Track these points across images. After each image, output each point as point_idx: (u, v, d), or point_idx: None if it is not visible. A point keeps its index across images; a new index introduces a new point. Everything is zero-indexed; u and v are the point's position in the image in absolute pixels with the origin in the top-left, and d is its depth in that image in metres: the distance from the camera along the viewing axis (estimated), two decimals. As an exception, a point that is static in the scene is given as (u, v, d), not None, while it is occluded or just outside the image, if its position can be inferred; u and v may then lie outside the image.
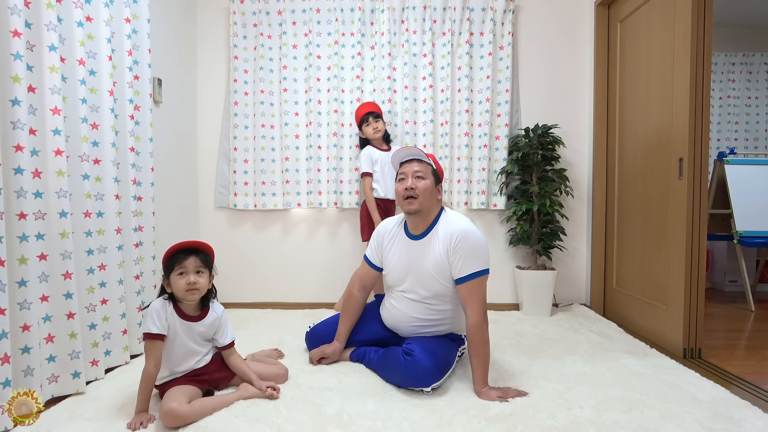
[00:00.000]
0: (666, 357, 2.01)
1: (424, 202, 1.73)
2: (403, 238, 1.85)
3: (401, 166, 1.82)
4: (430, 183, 1.75)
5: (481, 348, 1.63)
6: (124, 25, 1.96)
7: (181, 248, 1.52)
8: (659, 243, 2.27)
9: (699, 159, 2.04)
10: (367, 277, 1.96)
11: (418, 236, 1.80)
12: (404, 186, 1.75)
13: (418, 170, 1.75)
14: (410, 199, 1.73)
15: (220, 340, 1.61)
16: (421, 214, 1.75)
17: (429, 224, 1.79)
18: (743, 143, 3.83)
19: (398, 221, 1.91)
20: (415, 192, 1.72)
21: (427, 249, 1.76)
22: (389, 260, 1.87)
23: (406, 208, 1.74)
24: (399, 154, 1.82)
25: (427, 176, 1.76)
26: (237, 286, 3.04)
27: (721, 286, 3.66)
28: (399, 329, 1.88)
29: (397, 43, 2.89)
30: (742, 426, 1.39)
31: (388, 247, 1.88)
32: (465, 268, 1.67)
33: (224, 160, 2.95)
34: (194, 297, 1.52)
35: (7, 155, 1.43)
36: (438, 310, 1.79)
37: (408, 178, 1.75)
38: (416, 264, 1.78)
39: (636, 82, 2.50)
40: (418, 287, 1.78)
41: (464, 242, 1.68)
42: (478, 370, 1.62)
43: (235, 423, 1.37)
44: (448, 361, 1.69)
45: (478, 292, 1.67)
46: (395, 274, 1.85)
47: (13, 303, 1.43)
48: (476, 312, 1.65)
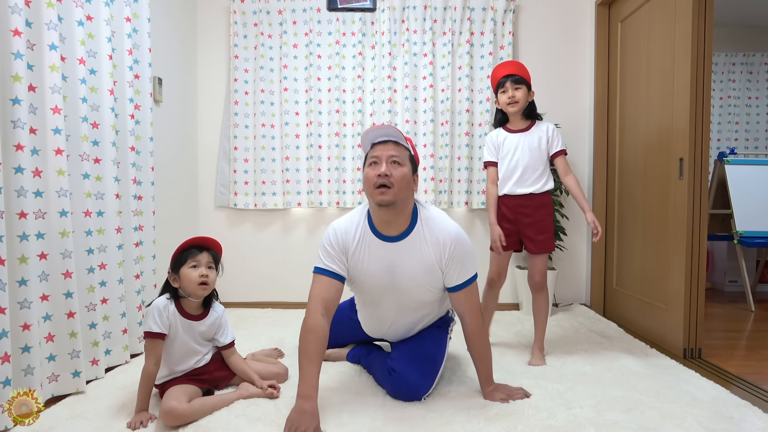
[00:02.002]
0: (666, 357, 2.01)
1: (400, 193, 1.46)
2: (375, 242, 1.53)
3: (373, 148, 1.51)
4: (407, 171, 1.49)
5: (484, 352, 1.57)
6: (125, 24, 1.96)
7: (195, 243, 1.55)
8: (659, 243, 2.27)
9: (699, 159, 2.04)
10: (331, 295, 1.50)
11: (395, 238, 1.53)
12: (377, 172, 1.45)
13: (395, 155, 1.47)
14: (383, 189, 1.44)
15: (220, 340, 1.61)
16: (395, 207, 1.47)
17: (407, 222, 1.53)
18: (743, 143, 3.83)
19: (356, 221, 1.56)
20: (390, 180, 1.44)
21: (410, 254, 1.52)
22: (359, 269, 1.55)
23: (378, 198, 1.44)
24: (371, 133, 1.51)
25: (405, 162, 1.49)
26: (237, 285, 3.03)
27: (721, 286, 3.67)
28: (386, 337, 1.77)
29: (397, 43, 2.89)
30: (742, 426, 1.39)
31: (356, 253, 1.54)
32: (461, 275, 1.53)
33: (224, 159, 2.95)
34: (205, 291, 1.53)
35: (8, 154, 1.42)
36: (424, 312, 1.67)
37: (382, 162, 1.46)
38: (399, 272, 1.54)
39: (636, 82, 2.50)
40: (402, 297, 1.59)
41: (459, 248, 1.52)
42: (482, 372, 1.57)
43: (235, 422, 1.37)
44: (435, 366, 1.61)
45: (473, 297, 1.56)
46: (369, 285, 1.58)
47: (13, 302, 1.43)
48: (474, 318, 1.56)
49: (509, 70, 1.94)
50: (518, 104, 1.91)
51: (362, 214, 1.58)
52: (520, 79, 1.92)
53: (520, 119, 1.96)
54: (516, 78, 1.92)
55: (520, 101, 1.91)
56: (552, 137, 1.94)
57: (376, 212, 1.52)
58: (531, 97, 1.96)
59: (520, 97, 1.91)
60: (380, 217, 1.51)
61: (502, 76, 1.94)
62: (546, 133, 1.94)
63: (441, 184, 2.90)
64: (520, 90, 1.91)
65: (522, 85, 1.92)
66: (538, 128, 1.94)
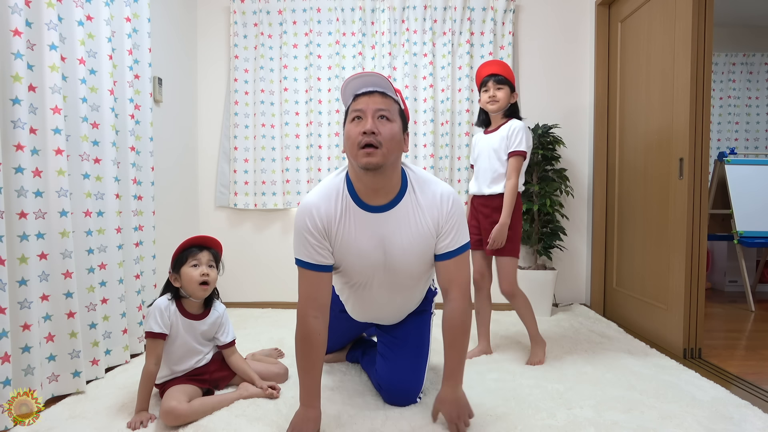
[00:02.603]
0: (666, 357, 2.01)
1: (390, 155, 1.24)
2: (360, 214, 1.31)
3: (356, 100, 1.27)
4: (397, 128, 1.27)
5: (461, 339, 1.35)
6: (125, 24, 1.96)
7: (195, 243, 1.55)
8: (659, 243, 2.27)
9: (699, 159, 2.04)
10: (322, 291, 1.32)
11: (383, 207, 1.31)
12: (361, 129, 1.22)
13: (383, 108, 1.24)
14: (370, 149, 1.22)
15: (221, 339, 1.61)
16: (383, 171, 1.26)
17: (396, 188, 1.32)
18: (743, 143, 3.83)
19: (334, 193, 1.32)
20: (378, 139, 1.22)
21: (403, 224, 1.32)
22: (345, 251, 1.34)
23: (364, 161, 1.22)
24: (354, 81, 1.26)
25: (394, 118, 1.26)
26: (237, 285, 3.03)
27: (721, 286, 3.67)
28: (377, 321, 1.65)
29: (397, 43, 2.89)
30: (742, 426, 1.39)
31: (340, 232, 1.31)
32: (455, 240, 1.34)
33: (224, 159, 2.95)
34: (206, 292, 1.52)
35: (8, 154, 1.42)
36: (418, 288, 1.52)
37: (367, 117, 1.23)
38: (392, 247, 1.34)
39: (636, 82, 2.50)
40: (395, 275, 1.40)
41: (457, 208, 1.33)
42: (450, 364, 1.35)
43: (235, 422, 1.37)
44: (421, 361, 1.55)
45: (466, 268, 1.37)
46: (359, 267, 1.37)
47: (13, 302, 1.43)
48: (462, 294, 1.35)
49: (493, 69, 1.92)
50: (498, 104, 1.89)
51: (340, 182, 1.34)
52: (503, 80, 1.89)
53: (500, 120, 1.94)
54: (499, 78, 1.89)
55: (501, 101, 1.89)
56: (511, 136, 1.87)
57: (360, 178, 1.29)
58: (513, 99, 1.93)
59: (501, 97, 1.89)
60: (365, 184, 1.29)
61: (486, 75, 1.92)
62: (507, 131, 1.88)
63: (441, 184, 2.90)
64: (502, 90, 1.89)
65: (504, 86, 1.89)
66: (504, 128, 1.90)
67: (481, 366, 1.87)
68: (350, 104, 1.29)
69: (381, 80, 1.25)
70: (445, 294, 1.38)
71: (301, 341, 1.31)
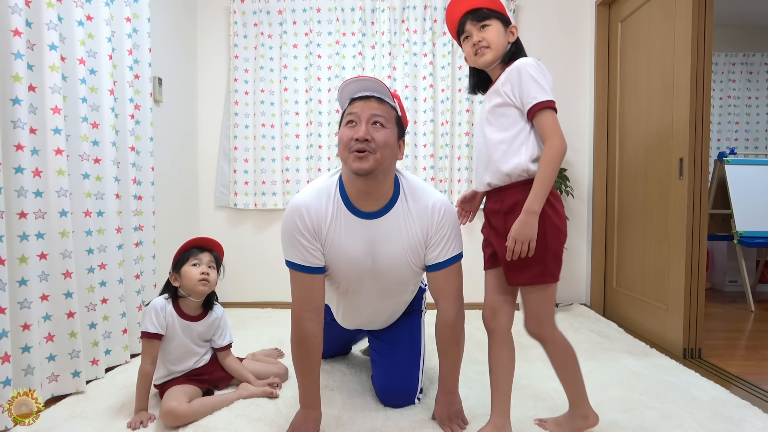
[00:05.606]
0: (666, 357, 2.01)
1: (383, 161, 1.22)
2: (351, 219, 1.29)
3: (352, 104, 1.26)
4: (392, 135, 1.24)
5: (452, 349, 1.35)
6: (125, 24, 1.96)
7: (197, 244, 1.55)
8: (659, 243, 2.27)
9: (699, 159, 2.04)
10: (315, 294, 1.31)
11: (374, 214, 1.29)
12: (355, 134, 1.21)
13: (378, 114, 1.22)
14: (362, 154, 1.20)
15: (218, 341, 1.60)
16: (375, 177, 1.24)
17: (388, 195, 1.30)
18: (743, 143, 3.83)
19: (325, 194, 1.29)
20: (371, 146, 1.20)
21: (393, 232, 1.30)
22: (334, 255, 1.31)
23: (356, 166, 1.20)
24: (350, 85, 1.25)
25: (389, 124, 1.24)
26: (237, 285, 3.03)
27: (721, 286, 3.66)
28: (365, 327, 1.64)
29: (397, 43, 2.89)
30: (742, 426, 1.39)
31: (331, 235, 1.29)
32: (444, 251, 1.31)
33: (224, 159, 2.95)
34: (205, 288, 1.52)
35: (8, 154, 1.42)
36: (407, 293, 1.51)
37: (362, 123, 1.21)
38: (381, 255, 1.32)
39: (636, 82, 2.50)
40: (383, 281, 1.38)
41: (448, 218, 1.31)
42: (445, 372, 1.37)
43: (235, 422, 1.37)
44: (414, 365, 1.53)
45: (456, 280, 1.35)
46: (347, 273, 1.35)
47: (13, 302, 1.43)
48: (452, 305, 1.33)
49: (467, 4, 1.26)
50: (490, 50, 1.24)
51: (332, 184, 1.31)
52: (486, 13, 1.24)
53: (499, 72, 1.27)
54: (481, 13, 1.24)
55: (493, 44, 1.23)
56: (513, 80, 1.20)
57: (351, 182, 1.27)
58: (512, 37, 1.28)
59: (492, 39, 1.23)
60: (357, 188, 1.27)
61: (461, 17, 1.27)
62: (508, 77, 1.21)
63: (441, 185, 2.90)
64: (490, 28, 1.24)
65: (491, 21, 1.24)
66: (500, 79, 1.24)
67: (481, 366, 1.87)
68: (346, 107, 1.28)
69: (378, 85, 1.24)
70: (436, 303, 1.38)
71: (298, 345, 1.31)
